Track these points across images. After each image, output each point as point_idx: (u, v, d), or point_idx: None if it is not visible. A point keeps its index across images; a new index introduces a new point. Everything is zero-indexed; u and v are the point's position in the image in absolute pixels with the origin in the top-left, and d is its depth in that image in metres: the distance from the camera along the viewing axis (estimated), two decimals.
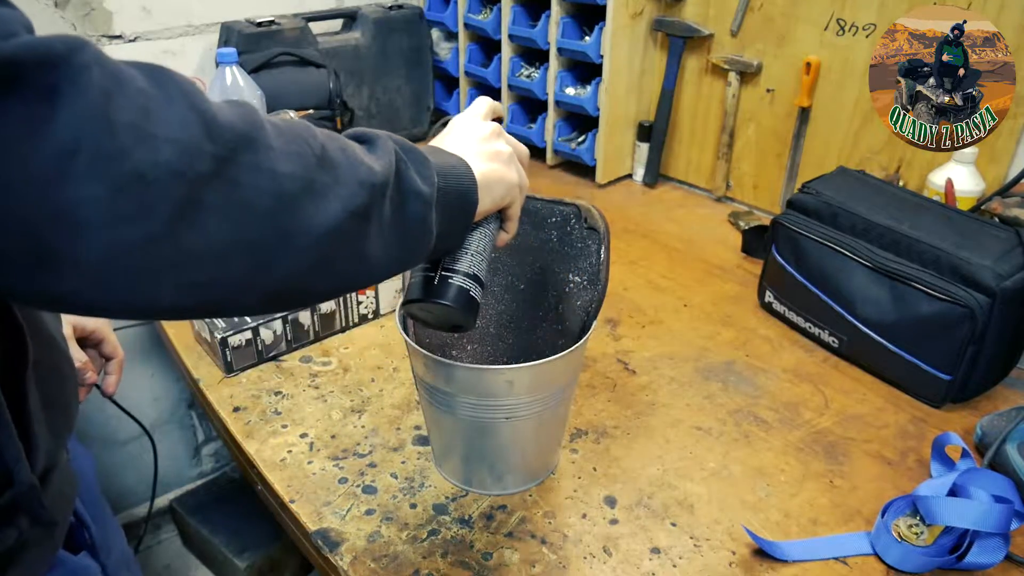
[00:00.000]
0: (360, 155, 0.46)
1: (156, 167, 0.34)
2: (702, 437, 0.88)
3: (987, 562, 0.69)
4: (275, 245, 0.40)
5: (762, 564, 0.72)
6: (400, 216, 0.48)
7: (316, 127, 0.46)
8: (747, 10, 1.34)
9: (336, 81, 1.44)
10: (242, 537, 1.52)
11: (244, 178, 0.38)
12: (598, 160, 1.54)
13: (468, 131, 0.61)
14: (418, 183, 0.49)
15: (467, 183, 0.55)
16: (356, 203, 0.43)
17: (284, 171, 0.40)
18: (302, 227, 0.41)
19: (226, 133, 0.37)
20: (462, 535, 0.75)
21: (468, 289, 0.60)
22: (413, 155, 0.51)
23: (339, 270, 0.45)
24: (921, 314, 0.90)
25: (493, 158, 0.59)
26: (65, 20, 1.29)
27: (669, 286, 1.20)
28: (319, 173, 0.42)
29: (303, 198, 0.41)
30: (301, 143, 0.42)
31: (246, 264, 0.39)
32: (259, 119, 0.41)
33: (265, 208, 0.39)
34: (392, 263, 0.49)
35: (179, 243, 0.36)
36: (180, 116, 0.36)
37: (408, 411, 0.91)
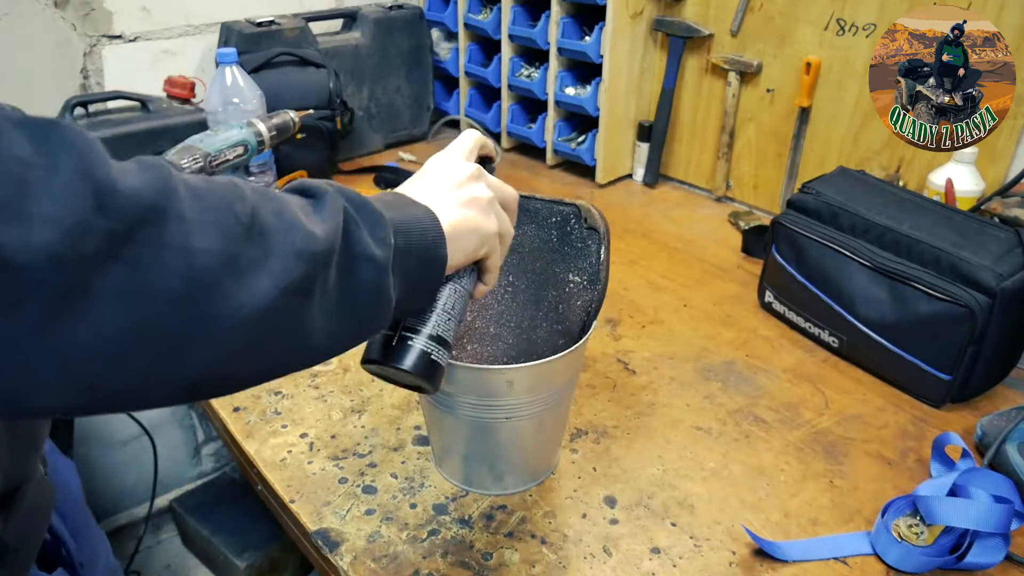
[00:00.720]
0: (299, 218, 0.40)
1: (27, 251, 0.29)
2: (702, 437, 0.88)
3: (987, 562, 0.69)
4: (187, 333, 0.35)
5: (762, 564, 0.72)
6: (348, 285, 0.43)
7: (248, 185, 0.41)
8: (747, 10, 1.34)
9: (336, 81, 1.44)
10: (242, 537, 1.52)
11: (146, 258, 0.33)
12: (598, 160, 1.54)
13: (442, 174, 0.56)
14: (370, 246, 0.44)
15: (432, 237, 0.50)
16: (291, 277, 0.38)
17: (199, 246, 0.35)
18: (222, 310, 0.35)
19: (125, 205, 0.32)
20: (462, 535, 0.75)
21: (429, 352, 0.54)
22: (365, 212, 0.45)
23: (271, 353, 0.40)
24: (921, 314, 0.90)
25: (468, 204, 0.54)
26: (65, 20, 1.29)
27: (669, 286, 1.20)
28: (245, 246, 0.37)
29: (223, 277, 0.35)
30: (224, 210, 0.37)
31: (149, 357, 0.34)
32: (172, 184, 0.35)
33: (173, 291, 0.34)
34: (341, 338, 0.44)
35: (58, 338, 0.31)
36: (65, 187, 0.30)
37: (408, 411, 0.91)
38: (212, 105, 1.17)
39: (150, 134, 1.27)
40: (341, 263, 0.42)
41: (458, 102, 1.76)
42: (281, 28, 1.43)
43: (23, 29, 1.25)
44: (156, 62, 1.43)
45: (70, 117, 1.23)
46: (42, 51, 1.29)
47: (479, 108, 1.74)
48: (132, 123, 1.26)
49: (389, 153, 1.70)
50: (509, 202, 0.59)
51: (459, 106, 1.76)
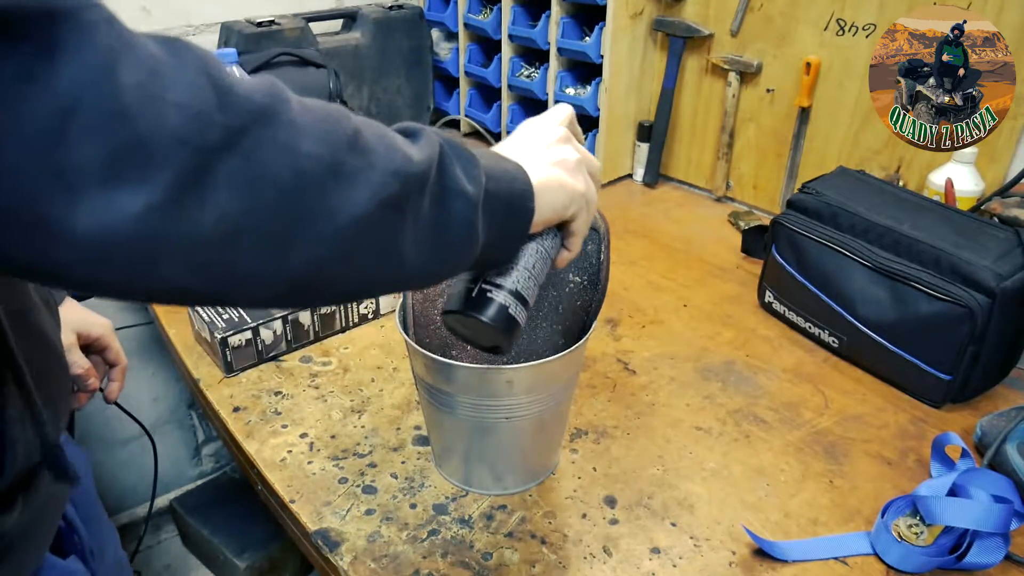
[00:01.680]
0: (398, 143, 0.43)
1: (160, 132, 0.32)
2: (702, 437, 0.88)
3: (987, 562, 0.70)
4: (293, 229, 0.37)
5: (762, 564, 0.72)
6: (440, 215, 0.45)
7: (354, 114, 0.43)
8: (747, 10, 1.34)
9: (336, 81, 1.44)
10: (242, 537, 1.52)
11: (259, 153, 0.35)
12: (598, 160, 1.54)
13: (533, 134, 0.57)
14: (463, 181, 0.46)
15: (521, 187, 0.51)
16: (388, 192, 0.40)
17: (307, 150, 0.37)
18: (324, 212, 0.38)
19: (242, 104, 0.35)
20: (462, 535, 0.75)
21: (508, 307, 0.54)
22: (460, 152, 0.47)
23: (366, 264, 0.42)
24: (921, 314, 0.90)
25: (557, 164, 0.55)
26: None
27: (669, 286, 1.20)
28: (348, 155, 0.39)
29: (327, 180, 0.38)
30: (331, 123, 0.39)
31: (259, 247, 0.36)
32: (285, 94, 0.38)
33: (282, 187, 0.36)
34: (430, 266, 0.46)
35: (182, 217, 0.33)
36: (191, 82, 0.34)
37: (408, 411, 0.91)
38: None
39: None
40: (435, 192, 0.44)
41: (458, 102, 1.76)
42: (281, 28, 1.43)
43: None
44: None
45: None
46: None
47: (479, 108, 1.74)
48: None
49: None
50: (594, 170, 0.61)
51: (459, 106, 1.76)
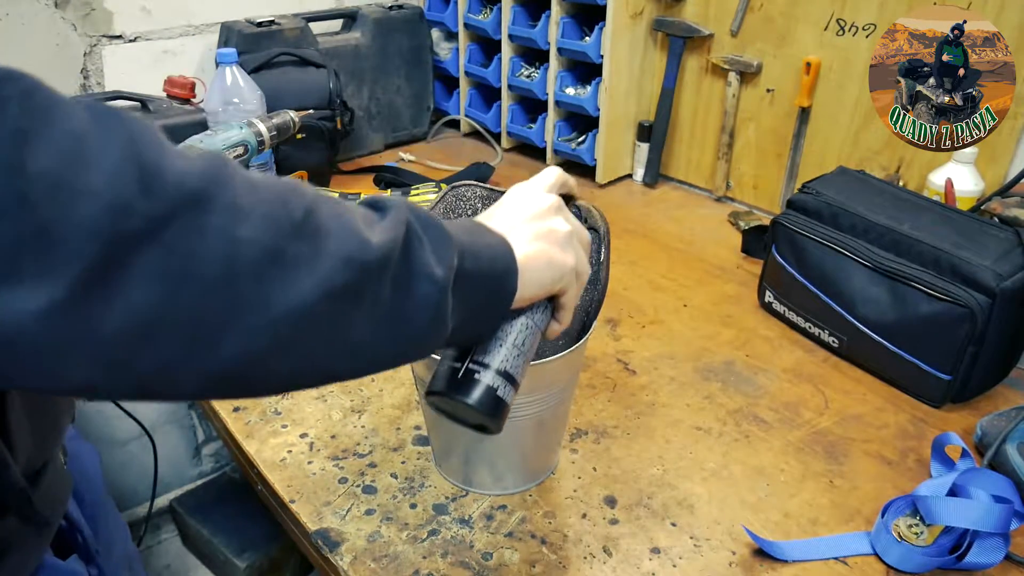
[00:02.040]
0: (356, 225, 0.40)
1: (68, 224, 0.29)
2: (702, 437, 0.88)
3: (987, 562, 0.69)
4: (221, 321, 0.34)
5: (762, 564, 0.72)
6: (402, 300, 0.42)
7: (313, 189, 0.40)
8: (747, 10, 1.34)
9: (336, 81, 1.44)
10: (242, 537, 1.52)
11: (185, 242, 0.33)
12: (598, 160, 1.54)
13: (521, 204, 0.55)
14: (430, 264, 0.43)
15: (503, 265, 0.49)
16: (336, 281, 0.38)
17: (243, 235, 0.34)
18: (258, 303, 0.35)
19: (172, 188, 0.32)
20: (462, 535, 0.75)
21: (495, 388, 0.51)
22: (432, 231, 0.44)
23: (310, 355, 0.39)
24: (921, 314, 0.90)
25: (544, 237, 0.52)
26: (65, 20, 1.30)
27: (669, 286, 1.20)
28: (293, 241, 0.36)
29: (264, 269, 0.35)
30: (277, 204, 0.37)
31: (180, 341, 0.34)
32: (226, 174, 0.35)
33: (211, 278, 0.34)
34: (390, 353, 0.44)
35: (90, 314, 0.31)
36: (113, 164, 0.31)
37: (408, 411, 0.91)
38: (212, 105, 1.17)
39: None
40: (397, 276, 0.41)
41: (458, 102, 1.76)
42: (281, 28, 1.43)
43: (23, 29, 1.25)
44: (156, 62, 1.43)
45: None
46: (42, 51, 1.29)
47: (479, 108, 1.74)
48: None
49: (389, 153, 1.70)
50: (585, 241, 0.58)
51: (459, 106, 1.76)
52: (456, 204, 0.79)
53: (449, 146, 1.76)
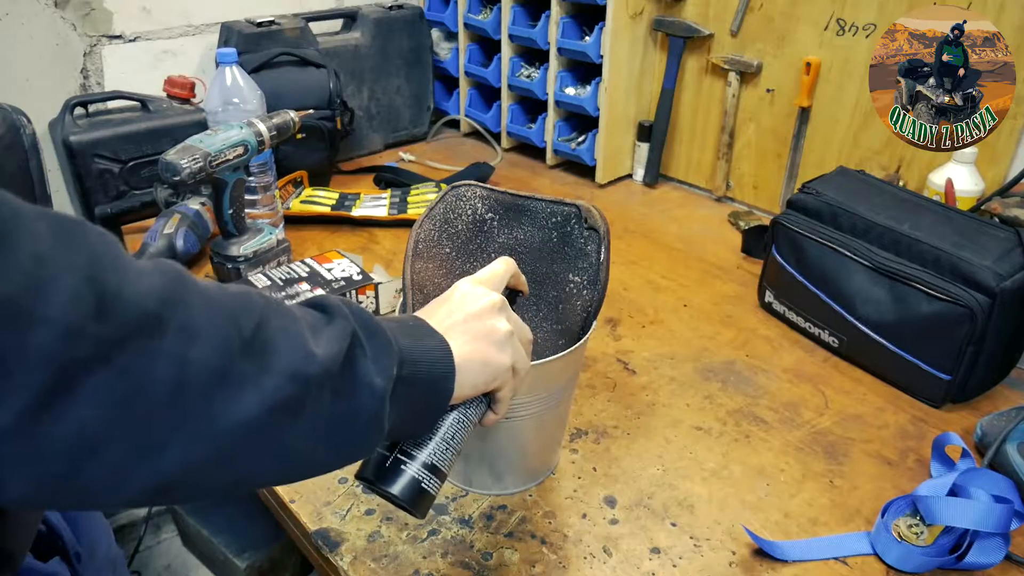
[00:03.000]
0: (303, 337, 0.41)
1: (21, 352, 0.30)
2: (702, 437, 0.88)
3: (987, 562, 0.69)
4: (164, 439, 0.35)
5: (762, 564, 0.72)
6: (341, 410, 0.43)
7: (261, 297, 0.41)
8: (747, 10, 1.34)
9: (336, 81, 1.44)
10: (242, 537, 1.52)
11: (136, 364, 0.33)
12: (598, 160, 1.54)
13: (464, 302, 0.56)
14: (370, 375, 0.44)
15: (442, 369, 0.50)
16: (280, 396, 0.38)
17: (194, 357, 0.35)
18: (203, 419, 0.36)
19: (128, 311, 0.33)
20: (462, 535, 0.75)
21: (421, 480, 0.54)
22: (375, 340, 0.45)
23: (248, 466, 0.40)
24: (921, 314, 0.90)
25: (483, 337, 0.54)
26: (65, 20, 1.29)
27: (669, 286, 1.20)
28: (240, 360, 0.37)
29: (211, 388, 0.36)
30: (229, 322, 0.37)
31: (122, 458, 0.34)
32: (182, 292, 0.36)
33: (158, 398, 0.34)
34: (326, 459, 0.44)
35: (35, 434, 0.31)
36: (71, 289, 0.31)
37: None
38: (212, 105, 1.17)
39: (150, 134, 1.27)
40: (338, 387, 0.42)
41: (458, 102, 1.76)
42: (281, 28, 1.43)
43: (23, 29, 1.25)
44: (156, 62, 1.43)
45: (70, 117, 1.23)
46: (42, 51, 1.29)
47: (479, 108, 1.74)
48: (132, 123, 1.26)
49: (389, 153, 1.70)
50: (525, 340, 0.60)
51: (459, 106, 1.76)
52: (456, 204, 0.79)
53: (449, 146, 1.76)
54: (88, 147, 1.22)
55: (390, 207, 1.36)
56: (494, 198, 0.79)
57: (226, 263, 1.11)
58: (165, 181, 0.97)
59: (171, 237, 1.15)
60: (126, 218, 1.31)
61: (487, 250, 0.80)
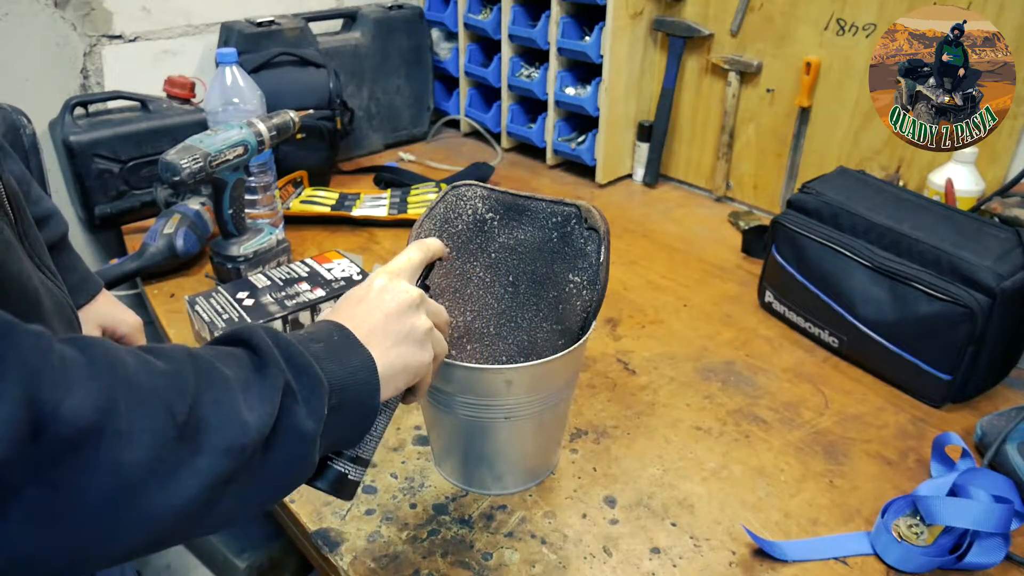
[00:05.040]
0: (236, 406, 0.40)
1: None
2: (702, 437, 0.88)
3: (987, 562, 0.69)
4: (100, 541, 0.35)
5: (762, 564, 0.72)
6: (272, 459, 0.42)
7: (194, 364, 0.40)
8: (747, 10, 1.34)
9: (336, 81, 1.44)
10: (242, 537, 1.52)
11: (71, 479, 0.33)
12: (598, 160, 1.54)
13: (381, 302, 0.55)
14: (303, 420, 0.44)
15: (368, 388, 0.50)
16: (215, 473, 0.38)
17: (128, 459, 0.34)
18: (139, 513, 0.35)
19: (65, 428, 0.32)
20: (462, 535, 0.75)
21: (347, 473, 0.57)
22: (305, 380, 0.45)
23: (182, 538, 0.40)
24: (921, 314, 0.90)
25: (404, 340, 0.54)
26: (65, 20, 1.29)
27: (669, 286, 1.20)
28: (175, 448, 0.37)
29: (148, 483, 0.35)
30: (161, 413, 0.37)
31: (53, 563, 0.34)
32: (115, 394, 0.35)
33: (93, 506, 0.34)
34: (258, 507, 0.44)
35: None
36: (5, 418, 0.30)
37: (408, 411, 0.91)
38: (212, 105, 1.17)
39: (150, 134, 1.27)
40: (271, 442, 0.42)
41: (458, 102, 1.76)
42: (281, 28, 1.43)
43: (23, 29, 1.25)
44: (156, 62, 1.43)
45: (70, 117, 1.23)
46: (42, 51, 1.29)
47: (479, 108, 1.74)
48: (132, 123, 1.26)
49: (389, 153, 1.70)
50: (443, 324, 0.60)
51: (459, 106, 1.76)
52: (456, 204, 0.79)
53: (449, 146, 1.76)
54: (88, 147, 1.22)
55: (390, 207, 1.36)
56: (494, 198, 0.79)
57: (226, 263, 1.11)
58: (165, 181, 0.97)
59: (171, 237, 1.15)
60: (126, 218, 1.31)
61: (487, 250, 0.80)
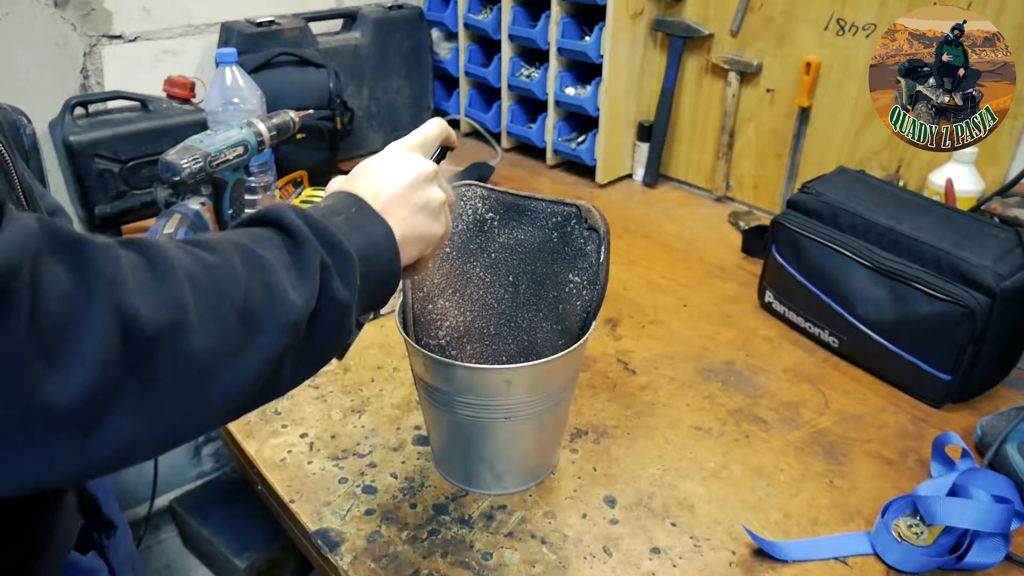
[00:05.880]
0: (283, 288, 0.43)
1: (64, 393, 0.32)
2: (702, 437, 0.88)
3: (987, 562, 0.69)
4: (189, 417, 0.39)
5: (762, 564, 0.72)
6: (317, 331, 0.46)
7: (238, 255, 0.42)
8: (747, 10, 1.34)
9: (336, 81, 1.44)
10: (242, 537, 1.52)
11: (160, 372, 0.36)
12: (598, 160, 1.54)
13: (399, 173, 0.55)
14: (341, 292, 0.47)
15: (389, 256, 0.52)
16: (274, 350, 0.42)
17: (203, 347, 0.38)
18: (216, 394, 0.39)
19: (147, 329, 0.35)
20: (462, 535, 0.75)
21: None
22: (337, 255, 0.47)
23: (251, 407, 0.44)
24: (921, 314, 0.90)
25: (421, 210, 0.55)
26: (65, 20, 1.29)
27: (669, 286, 1.20)
28: (237, 333, 0.40)
29: (221, 367, 0.39)
30: (223, 302, 0.40)
31: (157, 442, 0.38)
32: (183, 292, 0.37)
33: (180, 391, 0.37)
34: (306, 374, 0.48)
35: (82, 458, 0.35)
36: (99, 325, 0.33)
37: (408, 411, 0.91)
38: (212, 105, 1.17)
39: (150, 134, 1.27)
40: (315, 314, 0.45)
41: (458, 102, 1.76)
42: (281, 28, 1.43)
43: (23, 29, 1.25)
44: (156, 62, 1.43)
45: (70, 117, 1.23)
46: (42, 51, 1.29)
47: (479, 108, 1.74)
48: (132, 123, 1.26)
49: None
50: (452, 204, 0.63)
51: (459, 106, 1.76)
52: (456, 204, 0.79)
53: None
54: (88, 147, 1.22)
55: None
56: (494, 198, 0.79)
57: None
58: (165, 181, 0.97)
59: (171, 237, 1.15)
60: (126, 218, 1.31)
61: (487, 250, 0.80)
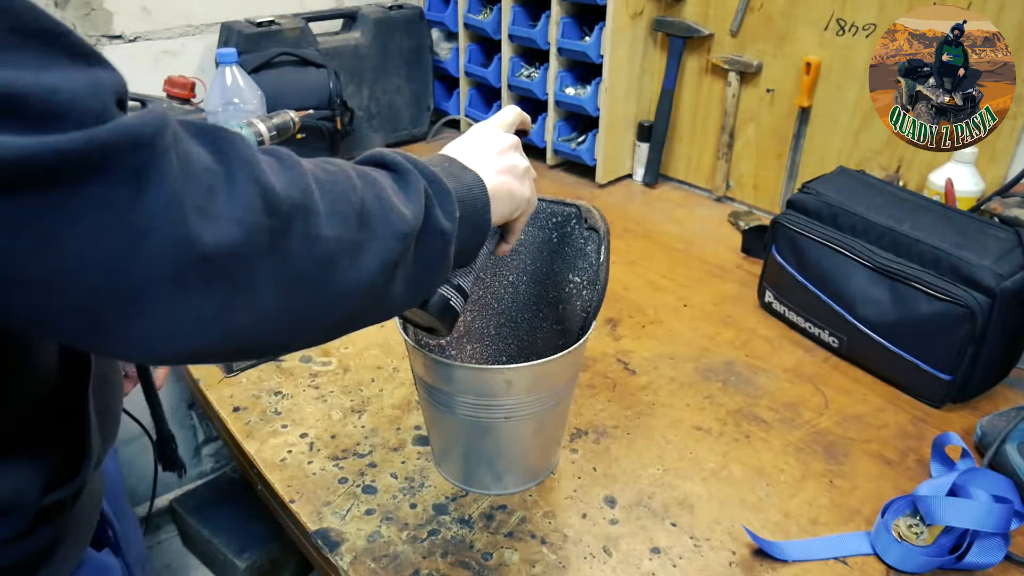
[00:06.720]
0: (394, 201, 0.46)
1: (219, 244, 0.35)
2: (702, 437, 0.88)
3: (987, 562, 0.69)
4: (315, 307, 0.41)
5: (762, 564, 0.72)
6: (423, 256, 0.48)
7: (352, 170, 0.46)
8: (747, 10, 1.34)
9: (336, 81, 1.44)
10: (242, 537, 1.52)
11: (294, 249, 0.39)
12: (598, 160, 1.54)
13: (486, 141, 0.60)
14: (443, 221, 0.49)
15: (482, 203, 0.55)
16: (391, 256, 0.44)
17: (328, 235, 0.40)
18: (339, 287, 0.42)
19: (283, 205, 0.38)
20: (462, 535, 0.75)
21: (449, 299, 0.61)
22: (438, 188, 0.50)
23: (366, 317, 0.47)
24: (921, 314, 0.90)
25: (507, 171, 0.59)
26: (65, 20, 1.29)
27: (669, 286, 1.20)
28: (358, 231, 0.43)
29: (342, 259, 0.41)
30: (344, 200, 0.42)
31: (285, 328, 0.41)
32: (309, 181, 0.41)
33: (309, 274, 0.40)
34: (410, 299, 0.50)
35: (232, 317, 0.37)
36: (243, 193, 0.36)
37: (408, 411, 0.91)
38: (212, 105, 1.17)
39: None
40: (421, 237, 0.48)
41: (458, 102, 1.76)
42: (281, 28, 1.43)
43: None
44: (156, 62, 1.43)
45: None
46: None
47: (479, 108, 1.74)
48: None
49: None
50: (533, 177, 0.65)
51: (459, 106, 1.76)
52: None
53: None
54: None
55: None
56: None
57: None
58: None
59: None
60: None
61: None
